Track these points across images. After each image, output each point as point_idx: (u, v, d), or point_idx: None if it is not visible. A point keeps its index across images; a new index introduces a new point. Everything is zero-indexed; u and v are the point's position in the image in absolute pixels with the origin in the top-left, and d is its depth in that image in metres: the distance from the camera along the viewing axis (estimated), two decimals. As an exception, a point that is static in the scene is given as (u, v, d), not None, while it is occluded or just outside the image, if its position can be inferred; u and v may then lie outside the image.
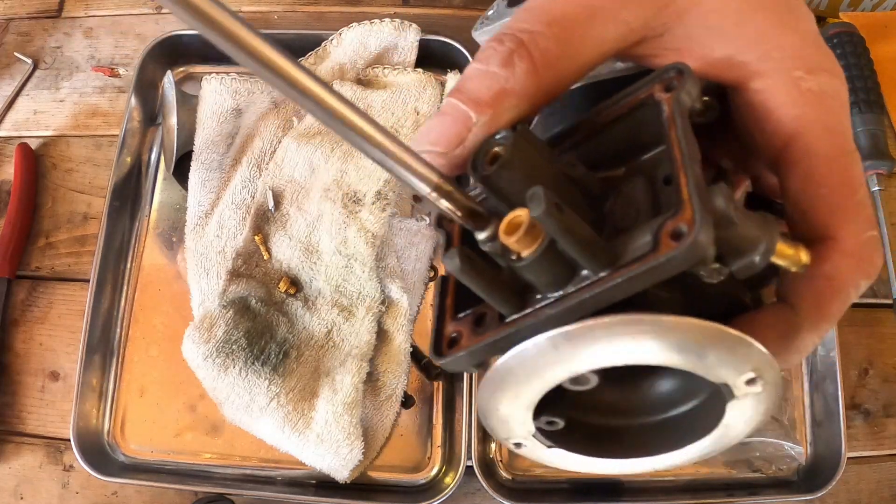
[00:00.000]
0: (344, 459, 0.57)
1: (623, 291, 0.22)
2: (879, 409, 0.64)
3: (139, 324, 0.65)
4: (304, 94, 0.20)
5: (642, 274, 0.22)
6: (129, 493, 0.61)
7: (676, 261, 0.21)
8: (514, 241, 0.23)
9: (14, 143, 0.72)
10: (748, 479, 0.61)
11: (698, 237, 0.21)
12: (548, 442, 0.29)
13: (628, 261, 0.22)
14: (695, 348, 0.23)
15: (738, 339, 0.23)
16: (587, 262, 0.23)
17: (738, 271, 0.24)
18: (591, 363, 0.24)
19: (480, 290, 0.24)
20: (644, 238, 0.22)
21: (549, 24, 0.25)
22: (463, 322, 0.26)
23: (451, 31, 0.72)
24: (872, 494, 0.62)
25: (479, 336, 0.25)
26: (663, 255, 0.21)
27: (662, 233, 0.22)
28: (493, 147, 0.24)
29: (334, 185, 0.62)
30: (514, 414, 0.27)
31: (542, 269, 0.23)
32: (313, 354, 0.61)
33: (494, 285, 0.24)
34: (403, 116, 0.66)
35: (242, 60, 0.20)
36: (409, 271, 0.64)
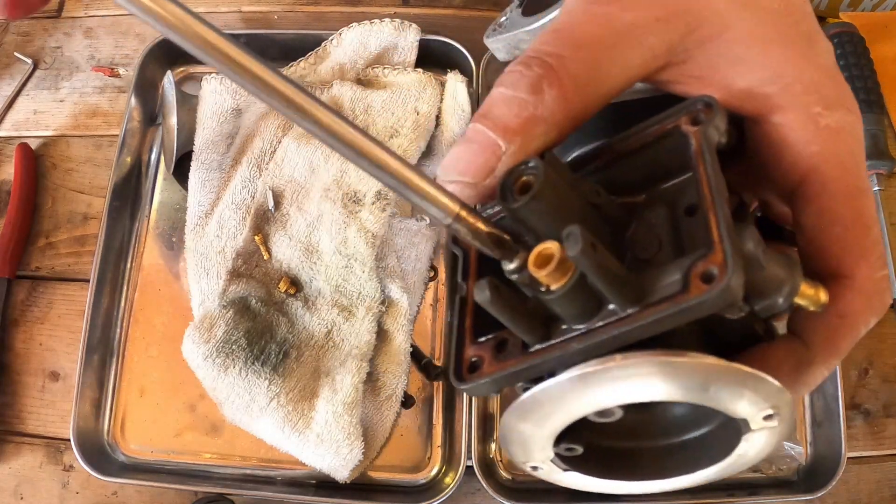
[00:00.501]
0: (344, 459, 0.57)
1: (651, 331, 0.23)
2: (879, 409, 0.64)
3: (139, 324, 0.65)
4: (319, 126, 0.21)
5: (671, 315, 0.22)
6: (129, 493, 0.61)
7: (707, 304, 0.21)
8: (545, 274, 0.23)
9: (14, 143, 0.72)
10: (748, 479, 0.61)
11: (731, 283, 0.21)
12: (564, 466, 0.29)
13: (657, 300, 0.22)
14: (717, 387, 0.23)
15: (758, 379, 0.23)
16: (616, 299, 0.23)
17: (761, 311, 0.24)
18: (617, 399, 0.24)
19: (507, 319, 0.24)
20: (673, 277, 0.23)
21: (577, 48, 0.25)
22: (483, 347, 0.26)
23: (451, 31, 0.72)
24: (872, 494, 0.62)
25: (501, 363, 0.25)
26: (694, 299, 0.21)
27: (692, 274, 0.22)
28: (523, 175, 0.24)
29: (334, 185, 0.62)
30: (535, 442, 0.27)
31: (571, 302, 0.23)
32: (313, 354, 0.61)
33: (521, 315, 0.24)
34: (403, 116, 0.66)
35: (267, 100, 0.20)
36: (409, 271, 0.64)
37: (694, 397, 0.24)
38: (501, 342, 0.26)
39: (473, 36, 0.72)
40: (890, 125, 0.72)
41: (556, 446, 0.27)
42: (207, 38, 0.19)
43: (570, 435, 0.27)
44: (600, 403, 0.24)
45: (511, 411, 0.25)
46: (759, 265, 0.23)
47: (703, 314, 0.22)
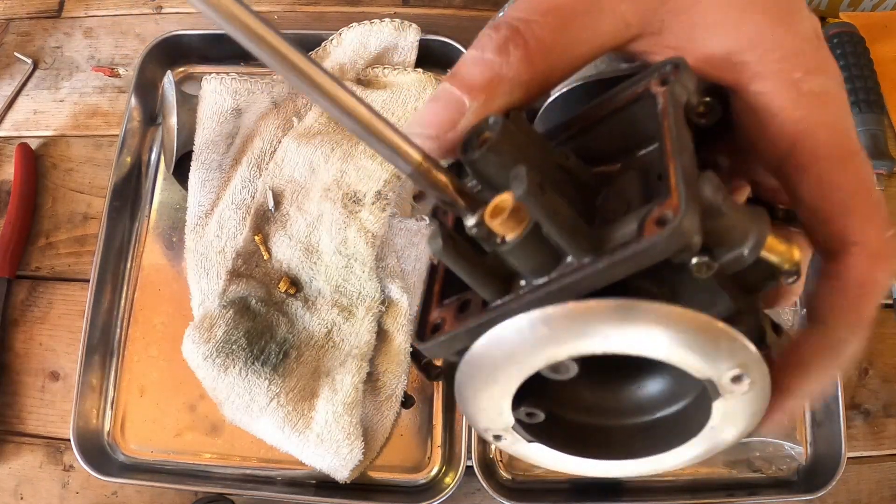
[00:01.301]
0: (344, 459, 0.57)
1: (606, 278, 0.22)
2: (879, 409, 0.64)
3: (139, 324, 0.65)
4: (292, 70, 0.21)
5: (625, 259, 0.21)
6: (129, 493, 0.61)
7: (660, 246, 0.21)
8: (498, 223, 0.23)
9: (14, 143, 0.72)
10: (748, 479, 0.61)
11: (682, 222, 0.21)
12: (528, 436, 0.28)
13: (612, 247, 0.22)
14: (677, 339, 0.23)
15: (722, 332, 0.23)
16: (570, 247, 0.23)
17: (727, 265, 0.23)
18: (569, 350, 0.23)
19: (463, 272, 0.24)
20: (630, 226, 0.22)
21: (545, 13, 0.25)
22: (447, 308, 0.26)
23: (451, 31, 0.72)
24: (872, 494, 0.62)
25: (460, 322, 0.25)
26: (646, 240, 0.21)
27: (648, 220, 0.22)
28: (485, 132, 0.24)
29: (334, 185, 0.62)
30: (492, 403, 0.26)
31: (526, 253, 0.23)
32: (313, 354, 0.61)
33: (478, 269, 0.24)
34: (403, 116, 0.66)
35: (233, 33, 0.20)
36: (409, 271, 0.64)
37: (648, 349, 0.23)
38: (464, 303, 0.26)
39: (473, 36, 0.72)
40: (890, 125, 0.72)
41: (516, 411, 0.27)
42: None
43: (530, 399, 0.26)
44: (551, 355, 0.24)
45: (462, 367, 0.25)
46: (719, 211, 0.22)
47: (659, 257, 0.21)
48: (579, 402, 0.29)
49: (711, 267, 0.23)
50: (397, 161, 0.23)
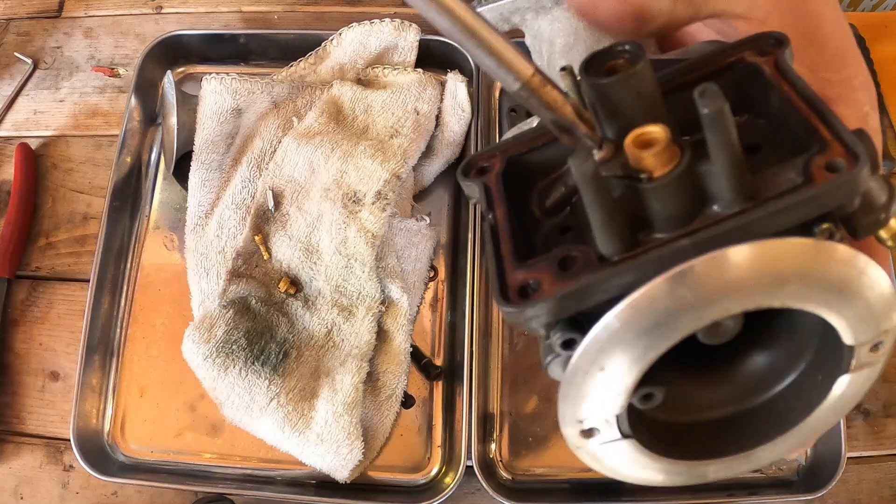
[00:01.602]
0: (344, 459, 0.57)
1: (766, 227, 0.20)
2: (879, 409, 0.64)
3: (139, 324, 0.65)
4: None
5: (796, 205, 0.20)
6: (129, 493, 0.61)
7: (832, 194, 0.20)
8: (651, 155, 0.20)
9: (14, 143, 0.72)
10: (748, 479, 0.61)
11: (861, 172, 0.19)
12: (627, 429, 0.24)
13: (774, 194, 0.20)
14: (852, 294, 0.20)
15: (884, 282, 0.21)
16: (732, 189, 0.20)
17: (861, 229, 0.22)
18: (737, 306, 0.20)
19: (600, 210, 0.20)
20: (787, 174, 0.20)
21: None
22: (538, 268, 0.22)
23: (451, 31, 0.72)
24: (872, 494, 0.62)
25: (570, 280, 0.21)
26: (820, 186, 0.19)
27: (814, 166, 0.20)
28: (618, 58, 0.22)
29: (334, 185, 0.62)
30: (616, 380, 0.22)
31: (674, 195, 0.20)
32: (313, 354, 0.61)
33: (615, 213, 0.20)
34: (403, 116, 0.66)
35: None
36: (409, 271, 0.64)
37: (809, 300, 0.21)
38: (566, 259, 0.22)
39: (473, 36, 0.72)
40: (890, 125, 0.72)
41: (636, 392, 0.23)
42: None
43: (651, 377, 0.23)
44: (708, 314, 0.20)
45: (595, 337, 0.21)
46: (877, 166, 0.21)
47: (832, 204, 0.20)
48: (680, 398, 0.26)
49: (834, 234, 0.21)
50: (505, 76, 0.21)
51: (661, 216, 0.21)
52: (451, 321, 0.65)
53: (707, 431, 0.26)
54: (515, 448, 0.62)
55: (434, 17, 0.19)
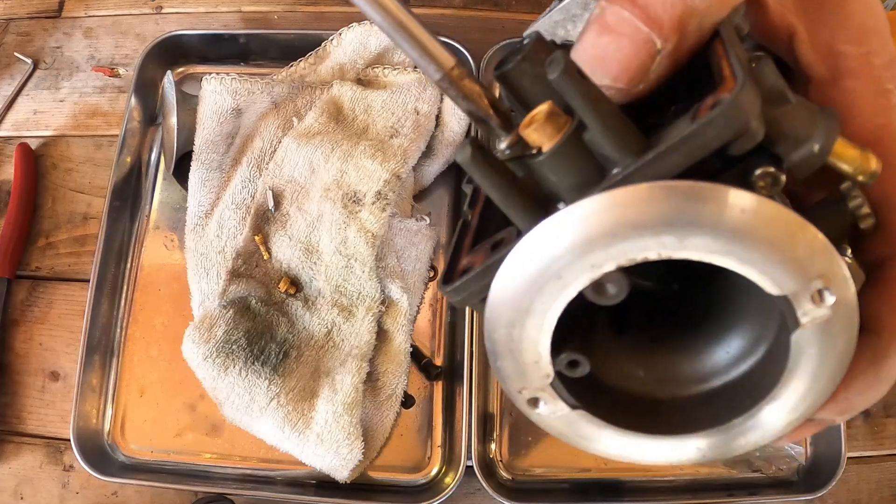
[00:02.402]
0: (344, 459, 0.57)
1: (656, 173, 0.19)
2: (879, 409, 0.64)
3: (139, 324, 0.65)
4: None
5: (674, 148, 0.19)
6: (129, 493, 0.61)
7: (715, 127, 0.18)
8: (533, 130, 0.20)
9: (14, 143, 0.72)
10: (748, 479, 0.61)
11: (739, 96, 0.18)
12: (571, 399, 0.24)
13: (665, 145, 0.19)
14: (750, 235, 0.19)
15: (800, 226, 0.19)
16: (616, 147, 0.19)
17: (796, 167, 0.20)
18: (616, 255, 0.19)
19: (494, 189, 0.21)
20: (682, 125, 0.19)
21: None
22: (478, 252, 0.23)
23: (451, 31, 0.72)
24: (872, 494, 0.62)
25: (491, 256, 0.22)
26: (699, 121, 0.18)
27: (702, 108, 0.19)
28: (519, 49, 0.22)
29: (334, 185, 0.62)
30: (527, 344, 0.22)
31: (565, 165, 0.20)
32: (313, 354, 0.61)
33: (511, 188, 0.21)
34: (404, 116, 0.66)
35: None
36: (409, 271, 0.64)
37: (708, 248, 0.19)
38: (497, 242, 0.22)
39: (473, 36, 0.72)
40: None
41: (557, 359, 0.23)
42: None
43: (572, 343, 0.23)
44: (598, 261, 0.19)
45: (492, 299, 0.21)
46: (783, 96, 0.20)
47: (715, 143, 0.18)
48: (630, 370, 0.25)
49: (778, 180, 0.20)
50: (427, 66, 0.21)
51: (563, 188, 0.20)
52: (451, 321, 0.65)
53: (676, 406, 0.25)
54: (515, 448, 0.62)
55: (367, 10, 0.20)
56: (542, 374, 0.23)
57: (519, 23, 0.76)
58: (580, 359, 0.23)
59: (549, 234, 0.20)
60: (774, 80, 0.20)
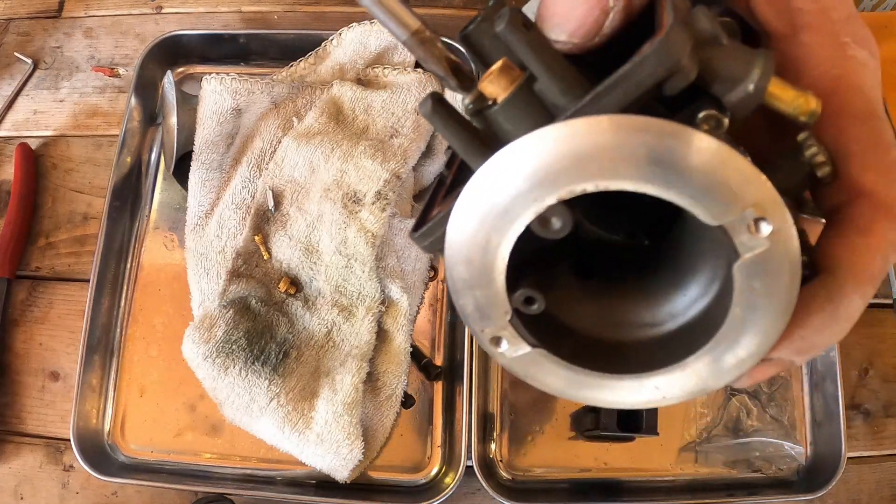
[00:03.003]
0: (344, 459, 0.57)
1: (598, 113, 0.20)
2: (879, 409, 0.64)
3: (139, 324, 0.65)
4: None
5: (610, 87, 0.20)
6: (129, 493, 0.61)
7: (648, 64, 0.19)
8: (489, 82, 0.22)
9: (14, 143, 0.72)
10: (748, 479, 0.61)
11: (669, 34, 0.19)
12: (530, 338, 0.24)
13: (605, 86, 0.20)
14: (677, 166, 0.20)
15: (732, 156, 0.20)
16: (562, 92, 0.21)
17: (735, 108, 0.21)
18: (558, 188, 0.21)
19: (453, 137, 0.23)
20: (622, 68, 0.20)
21: None
22: (447, 202, 0.25)
23: (451, 31, 0.71)
24: (872, 494, 0.62)
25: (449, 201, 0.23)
26: (631, 61, 0.20)
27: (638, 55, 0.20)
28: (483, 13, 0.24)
29: (334, 185, 0.62)
30: (483, 279, 0.23)
31: (519, 114, 0.22)
32: (313, 354, 0.61)
33: (470, 135, 0.23)
34: (403, 116, 0.66)
35: None
36: (409, 271, 0.64)
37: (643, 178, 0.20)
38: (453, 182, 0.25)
39: (473, 36, 0.72)
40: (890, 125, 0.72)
41: (513, 296, 0.23)
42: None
43: (527, 280, 0.24)
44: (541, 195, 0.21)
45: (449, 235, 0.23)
46: (715, 39, 0.21)
47: (648, 80, 0.20)
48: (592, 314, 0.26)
49: (721, 123, 0.21)
50: (395, 28, 0.23)
51: (517, 135, 0.21)
52: (451, 321, 0.65)
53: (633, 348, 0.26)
54: (515, 448, 0.62)
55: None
56: (501, 311, 0.24)
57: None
58: (535, 295, 0.23)
59: (495, 170, 0.21)
60: (708, 24, 0.21)
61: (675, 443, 0.62)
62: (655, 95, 0.21)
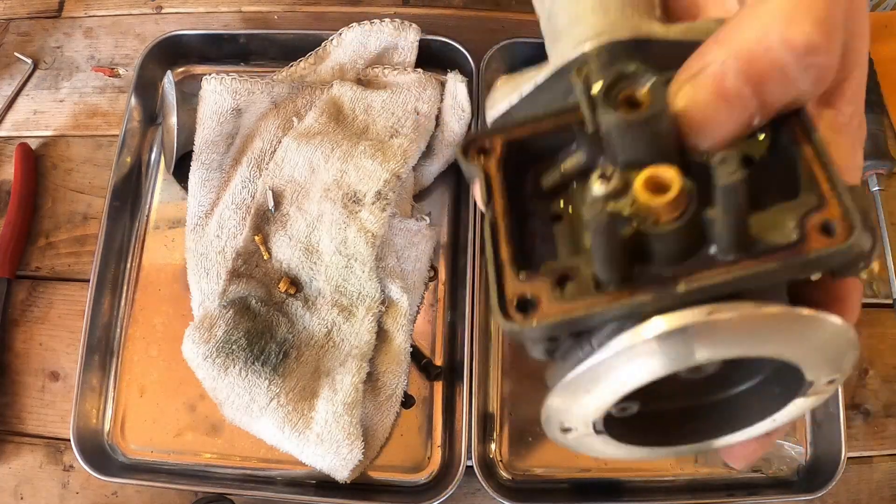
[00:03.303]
0: (344, 459, 0.57)
1: (763, 281, 0.21)
2: (879, 409, 0.64)
3: (139, 324, 0.65)
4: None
5: (789, 267, 0.20)
6: (129, 493, 0.61)
7: (832, 259, 0.20)
8: (664, 201, 0.20)
9: (14, 143, 0.72)
10: (748, 479, 0.61)
11: (860, 238, 0.20)
12: (599, 428, 0.26)
13: (768, 248, 0.21)
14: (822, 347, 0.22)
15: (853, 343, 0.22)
16: (731, 243, 0.21)
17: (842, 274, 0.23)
18: (709, 355, 0.22)
19: (607, 249, 0.21)
20: (784, 225, 0.21)
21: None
22: (535, 283, 0.23)
23: (451, 31, 0.72)
24: (872, 494, 0.62)
25: (569, 303, 0.22)
26: (815, 252, 0.20)
27: (809, 224, 0.20)
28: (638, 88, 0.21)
29: (334, 185, 0.62)
30: (594, 402, 0.24)
31: (676, 240, 0.21)
32: (313, 354, 0.61)
33: (620, 247, 0.21)
34: (403, 116, 0.66)
35: None
36: (409, 271, 0.64)
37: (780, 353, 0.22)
38: (563, 277, 0.22)
39: (473, 36, 0.72)
40: (890, 125, 0.72)
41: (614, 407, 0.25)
42: None
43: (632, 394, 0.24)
44: (687, 362, 0.22)
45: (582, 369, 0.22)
46: (872, 227, 0.21)
47: (823, 269, 0.21)
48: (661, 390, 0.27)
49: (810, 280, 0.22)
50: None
51: (660, 255, 0.21)
52: (451, 321, 0.65)
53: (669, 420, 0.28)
54: (515, 448, 0.62)
55: None
56: (591, 418, 0.25)
57: (519, 23, 0.76)
58: (630, 405, 0.25)
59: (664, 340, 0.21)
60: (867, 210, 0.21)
61: (675, 443, 0.62)
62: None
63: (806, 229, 0.20)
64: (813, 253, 0.20)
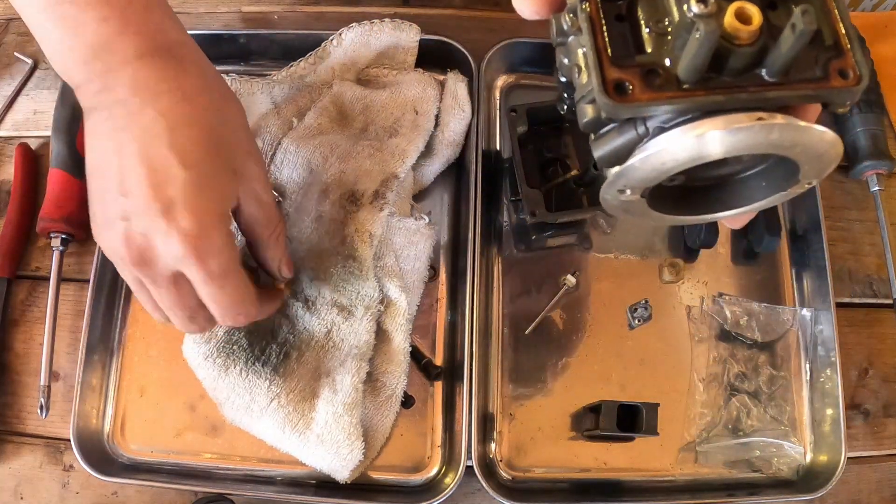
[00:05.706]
0: (344, 459, 0.57)
1: (790, 100, 0.29)
2: (879, 409, 0.64)
3: (139, 324, 0.65)
4: None
5: (808, 96, 0.29)
6: (129, 493, 0.61)
7: (841, 94, 0.29)
8: (748, 30, 0.27)
9: (14, 143, 0.72)
10: (748, 479, 0.61)
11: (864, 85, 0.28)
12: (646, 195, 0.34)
13: (801, 78, 0.29)
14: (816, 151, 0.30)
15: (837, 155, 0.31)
16: (780, 69, 0.28)
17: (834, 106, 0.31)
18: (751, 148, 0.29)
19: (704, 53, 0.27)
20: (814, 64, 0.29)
21: None
22: (629, 72, 0.29)
23: (451, 31, 0.72)
24: (872, 494, 0.62)
25: (657, 92, 0.28)
26: (832, 88, 0.28)
27: (831, 68, 0.29)
28: None
29: (333, 184, 0.62)
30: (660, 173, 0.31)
31: (744, 59, 0.28)
32: (314, 355, 0.61)
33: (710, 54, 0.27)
34: (402, 116, 0.66)
35: None
36: (408, 271, 0.64)
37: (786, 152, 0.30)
38: (651, 71, 0.28)
39: (473, 36, 0.72)
40: (890, 125, 0.72)
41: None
42: None
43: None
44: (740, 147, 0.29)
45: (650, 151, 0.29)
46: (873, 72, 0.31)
47: (834, 100, 0.29)
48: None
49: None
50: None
51: (730, 67, 0.28)
52: (451, 321, 0.65)
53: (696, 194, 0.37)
54: (515, 448, 0.62)
55: None
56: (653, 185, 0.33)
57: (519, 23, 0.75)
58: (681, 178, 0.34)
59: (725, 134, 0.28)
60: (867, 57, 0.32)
61: (675, 443, 0.62)
62: None
63: (828, 71, 0.29)
64: (834, 88, 0.28)
